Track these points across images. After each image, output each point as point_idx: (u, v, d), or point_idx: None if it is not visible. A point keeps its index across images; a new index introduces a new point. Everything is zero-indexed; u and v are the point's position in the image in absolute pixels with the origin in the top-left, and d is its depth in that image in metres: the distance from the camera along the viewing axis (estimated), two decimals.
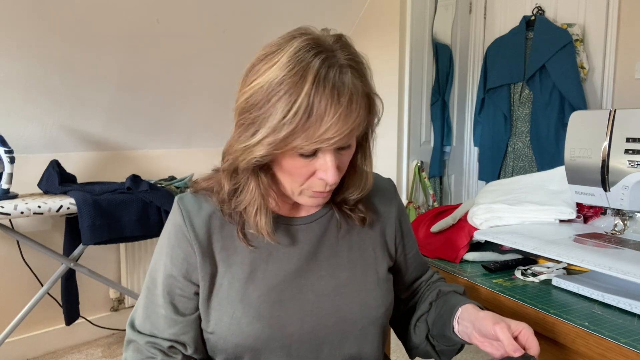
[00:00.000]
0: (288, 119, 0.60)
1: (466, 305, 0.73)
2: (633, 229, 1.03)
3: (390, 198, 0.87)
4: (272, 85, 0.61)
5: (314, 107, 0.60)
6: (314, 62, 0.61)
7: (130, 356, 0.73)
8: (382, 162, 2.72)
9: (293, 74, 0.60)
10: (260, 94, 0.62)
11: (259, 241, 0.75)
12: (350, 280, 0.77)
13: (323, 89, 0.60)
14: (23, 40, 1.87)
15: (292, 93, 0.60)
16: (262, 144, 0.63)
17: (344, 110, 0.61)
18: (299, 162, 0.66)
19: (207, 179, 0.78)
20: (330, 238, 0.79)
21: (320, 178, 0.68)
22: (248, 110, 0.64)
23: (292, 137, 0.61)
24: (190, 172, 2.49)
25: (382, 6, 2.72)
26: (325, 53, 0.62)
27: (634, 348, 0.68)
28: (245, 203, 0.71)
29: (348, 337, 0.75)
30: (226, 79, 2.50)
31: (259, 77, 0.63)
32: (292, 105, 0.60)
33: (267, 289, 0.72)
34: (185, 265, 0.73)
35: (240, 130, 0.66)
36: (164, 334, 0.73)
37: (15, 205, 1.73)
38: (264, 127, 0.62)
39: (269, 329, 0.71)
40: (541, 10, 2.69)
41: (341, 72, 0.62)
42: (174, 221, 0.75)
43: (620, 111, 0.94)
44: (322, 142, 0.62)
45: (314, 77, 0.60)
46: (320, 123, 0.60)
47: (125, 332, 0.77)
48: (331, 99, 0.60)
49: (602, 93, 2.53)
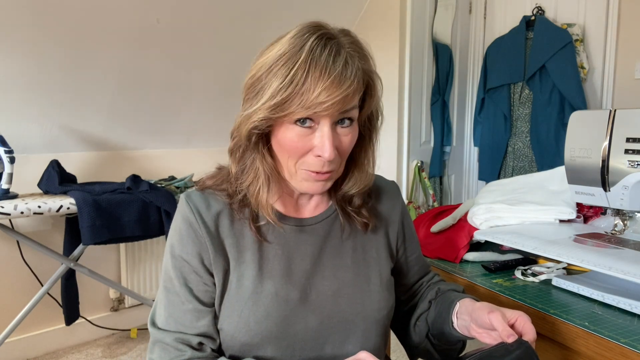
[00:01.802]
0: (285, 84, 0.63)
1: (464, 299, 0.74)
2: (633, 229, 1.03)
3: (394, 200, 0.87)
4: (274, 58, 0.66)
5: (309, 73, 0.63)
6: (312, 36, 0.65)
7: (157, 356, 0.71)
8: (382, 162, 2.70)
9: (292, 47, 0.65)
10: (264, 68, 0.67)
11: (269, 237, 0.75)
12: (353, 282, 0.77)
13: (319, 56, 0.64)
14: (23, 40, 1.87)
15: (290, 61, 0.64)
16: (262, 109, 0.66)
17: (337, 75, 0.63)
18: (294, 134, 0.67)
19: (212, 177, 0.79)
20: (334, 239, 0.79)
21: (316, 155, 0.68)
22: (253, 84, 0.69)
23: (288, 102, 0.64)
24: (190, 172, 2.49)
25: (382, 6, 2.72)
26: (325, 32, 0.66)
27: (634, 348, 0.68)
28: (249, 181, 0.73)
29: (350, 338, 0.75)
30: (226, 79, 2.50)
31: (264, 57, 0.68)
32: (290, 71, 0.63)
33: (276, 289, 0.73)
34: (201, 259, 0.73)
35: (246, 105, 0.70)
36: (193, 329, 0.72)
37: (15, 205, 1.73)
38: (265, 95, 0.66)
39: (276, 329, 0.71)
40: (541, 10, 2.69)
41: (339, 46, 0.66)
42: (184, 217, 0.75)
43: (620, 111, 0.94)
44: (316, 107, 0.64)
45: (310, 47, 0.64)
46: (314, 87, 0.63)
47: (125, 332, 0.77)
48: (325, 65, 0.63)
49: (602, 93, 2.53)
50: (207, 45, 2.35)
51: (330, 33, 0.67)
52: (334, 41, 0.66)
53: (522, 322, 0.66)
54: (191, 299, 0.72)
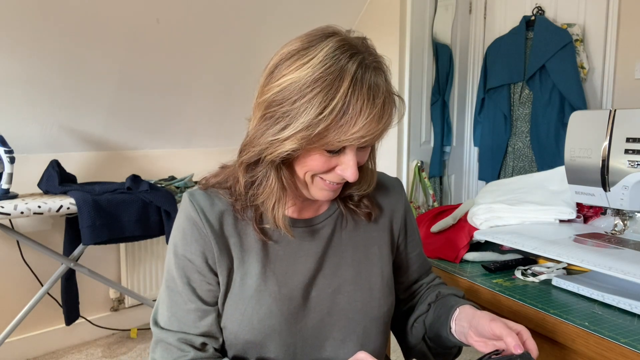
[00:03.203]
0: (324, 116, 0.61)
1: (464, 306, 0.74)
2: (633, 229, 1.03)
3: (397, 196, 0.87)
4: (307, 82, 0.62)
5: (350, 106, 0.61)
6: (350, 62, 0.62)
7: (159, 356, 0.71)
8: (382, 162, 2.70)
9: (330, 72, 0.61)
10: (293, 89, 0.62)
11: (273, 237, 0.75)
12: (354, 280, 0.78)
13: (360, 88, 0.61)
14: (23, 40, 1.87)
15: (330, 91, 0.61)
16: (295, 137, 0.63)
17: (378, 112, 0.63)
18: (322, 158, 0.67)
19: (215, 175, 0.78)
20: (337, 238, 0.80)
21: (339, 173, 0.69)
22: (279, 104, 0.64)
23: (325, 133, 0.62)
24: (190, 172, 2.49)
25: (382, 6, 2.72)
26: (359, 55, 0.64)
27: (634, 348, 0.68)
28: (264, 197, 0.71)
29: (351, 335, 0.75)
30: (226, 79, 2.50)
31: (290, 74, 0.64)
32: (330, 102, 0.61)
33: (279, 287, 0.73)
34: (205, 259, 0.73)
35: (268, 123, 0.66)
36: (195, 329, 0.72)
37: (15, 205, 1.73)
38: (297, 122, 0.62)
39: (279, 326, 0.71)
40: (541, 10, 2.69)
41: (376, 75, 0.64)
42: (187, 216, 0.74)
43: (620, 111, 0.94)
44: (353, 140, 0.63)
45: (351, 77, 0.61)
46: (355, 122, 0.62)
47: (125, 332, 0.77)
48: (367, 100, 0.62)
49: (602, 93, 2.53)
50: (207, 45, 2.35)
51: (360, 50, 0.64)
52: (367, 62, 0.64)
53: (525, 337, 0.65)
54: (194, 299, 0.72)
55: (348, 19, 2.84)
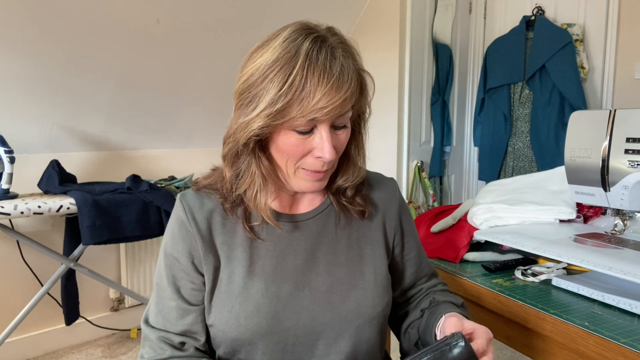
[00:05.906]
0: (284, 91, 0.64)
1: (450, 315, 0.72)
2: (633, 229, 1.04)
3: (391, 193, 0.87)
4: (267, 64, 0.65)
5: (307, 79, 0.63)
6: (307, 40, 0.65)
7: (145, 352, 0.74)
8: (382, 162, 2.72)
9: (286, 52, 0.65)
10: (257, 74, 0.66)
11: (262, 235, 0.76)
12: (347, 279, 0.77)
13: (316, 61, 0.64)
14: (23, 40, 1.87)
15: (287, 67, 0.64)
16: (260, 116, 0.66)
17: (335, 80, 0.64)
18: (294, 139, 0.68)
19: (207, 177, 0.80)
20: (329, 235, 0.79)
21: (317, 157, 0.70)
22: (246, 90, 0.68)
23: (288, 109, 0.65)
24: (190, 172, 2.49)
25: (382, 6, 2.72)
26: (316, 34, 0.67)
27: (634, 348, 0.68)
28: (246, 185, 0.73)
29: (343, 334, 0.75)
30: (226, 79, 2.50)
31: (255, 61, 0.68)
32: (288, 78, 0.63)
33: (266, 284, 0.74)
34: (191, 258, 0.74)
35: (240, 111, 0.70)
36: (176, 327, 0.74)
37: (15, 205, 1.73)
38: (262, 102, 0.65)
39: (266, 324, 0.72)
40: (541, 10, 2.69)
41: (332, 49, 0.66)
42: (176, 216, 0.77)
43: (620, 111, 0.94)
44: (316, 112, 0.64)
45: (306, 52, 0.64)
46: (314, 94, 0.64)
47: (125, 332, 0.78)
48: (323, 70, 0.64)
49: (602, 93, 2.53)
50: (207, 45, 2.36)
51: (321, 35, 0.67)
52: (327, 43, 0.66)
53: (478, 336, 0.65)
54: (176, 297, 0.74)
55: (348, 19, 2.84)
